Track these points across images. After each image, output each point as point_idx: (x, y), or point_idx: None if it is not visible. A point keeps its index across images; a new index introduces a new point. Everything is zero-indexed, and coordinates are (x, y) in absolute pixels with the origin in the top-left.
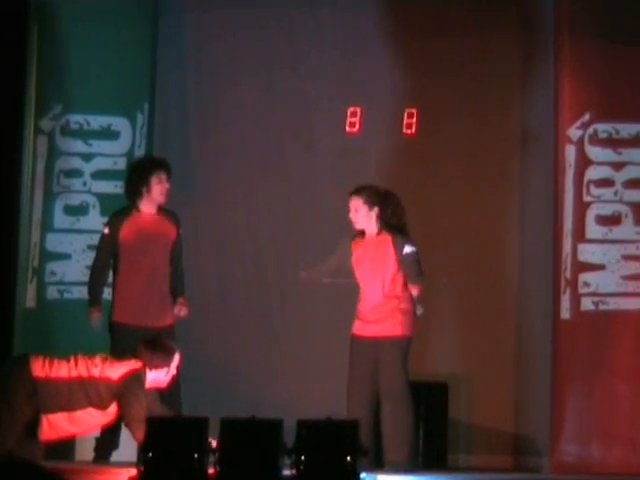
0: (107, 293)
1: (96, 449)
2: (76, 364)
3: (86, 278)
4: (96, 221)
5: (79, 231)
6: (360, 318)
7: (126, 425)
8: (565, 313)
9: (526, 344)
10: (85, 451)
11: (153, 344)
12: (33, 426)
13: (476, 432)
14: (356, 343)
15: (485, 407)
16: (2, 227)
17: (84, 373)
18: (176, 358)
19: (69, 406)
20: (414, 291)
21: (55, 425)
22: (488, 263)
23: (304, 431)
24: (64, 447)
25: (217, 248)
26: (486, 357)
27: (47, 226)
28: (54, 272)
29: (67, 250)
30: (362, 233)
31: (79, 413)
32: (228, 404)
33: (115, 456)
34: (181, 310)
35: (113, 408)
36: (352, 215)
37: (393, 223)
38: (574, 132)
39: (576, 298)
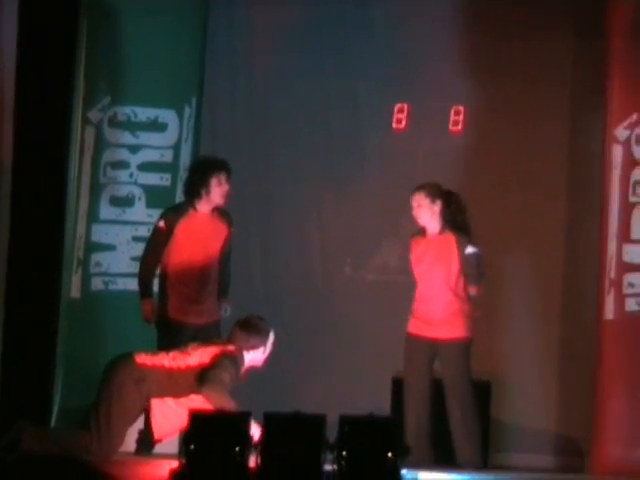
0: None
1: (138, 441)
2: (174, 357)
3: (131, 269)
4: (142, 213)
5: (125, 222)
6: (418, 317)
7: (202, 387)
8: (609, 314)
9: (569, 344)
10: (127, 443)
11: (248, 326)
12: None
13: (518, 431)
14: (412, 341)
15: (527, 406)
16: (48, 218)
17: (182, 364)
18: (271, 336)
19: (174, 393)
20: (472, 291)
21: (166, 411)
22: (533, 263)
23: (346, 427)
24: None
25: (263, 244)
26: (529, 356)
27: (93, 217)
28: (99, 263)
29: (112, 241)
30: (423, 231)
31: (183, 400)
32: (272, 399)
33: (157, 449)
34: (226, 310)
35: None
36: (415, 211)
37: (457, 222)
38: (622, 132)
39: (620, 298)
